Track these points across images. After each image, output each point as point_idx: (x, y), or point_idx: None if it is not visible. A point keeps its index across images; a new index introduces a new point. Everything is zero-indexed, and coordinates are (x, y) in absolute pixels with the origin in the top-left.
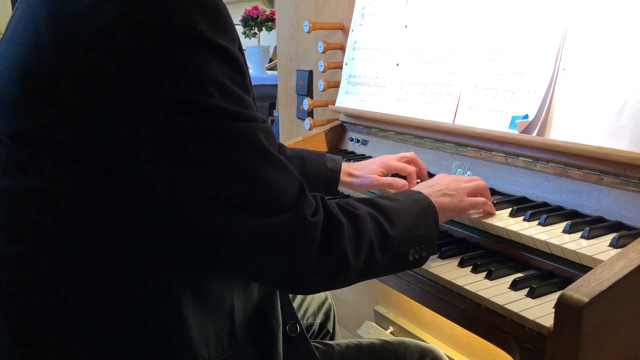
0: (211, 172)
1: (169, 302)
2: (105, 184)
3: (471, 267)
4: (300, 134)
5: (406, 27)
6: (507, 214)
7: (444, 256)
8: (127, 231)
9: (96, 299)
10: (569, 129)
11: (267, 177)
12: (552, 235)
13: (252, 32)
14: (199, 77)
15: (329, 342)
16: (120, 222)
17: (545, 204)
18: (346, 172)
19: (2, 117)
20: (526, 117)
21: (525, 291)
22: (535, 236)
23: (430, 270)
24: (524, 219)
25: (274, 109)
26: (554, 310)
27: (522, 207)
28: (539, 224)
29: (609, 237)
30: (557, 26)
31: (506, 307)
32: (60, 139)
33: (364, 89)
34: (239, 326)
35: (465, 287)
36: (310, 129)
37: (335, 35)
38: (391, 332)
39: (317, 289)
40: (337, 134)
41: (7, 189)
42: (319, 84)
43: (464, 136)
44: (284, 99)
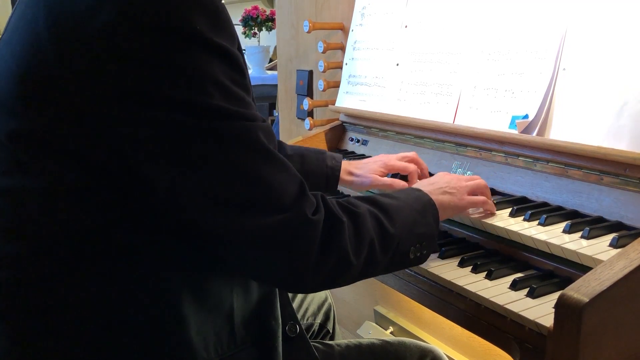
0: (211, 171)
1: (168, 302)
2: (105, 184)
3: (471, 267)
4: (300, 134)
5: (406, 27)
6: (507, 214)
7: (444, 256)
8: (127, 231)
9: (96, 299)
10: (569, 129)
11: (268, 177)
12: (552, 235)
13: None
14: (199, 77)
15: (329, 342)
16: (120, 222)
17: (545, 204)
18: (346, 170)
19: (1, 117)
20: (526, 117)
21: (525, 291)
22: (535, 236)
23: (430, 270)
24: (524, 219)
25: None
26: (554, 310)
27: (522, 207)
28: (539, 224)
29: (609, 237)
30: (557, 26)
31: (506, 307)
32: (60, 139)
33: (364, 89)
34: (239, 326)
35: (465, 287)
36: (310, 129)
37: (335, 35)
38: (391, 332)
39: (318, 288)
40: (337, 134)
41: (7, 189)
42: (319, 84)
43: (464, 136)
44: (284, 99)
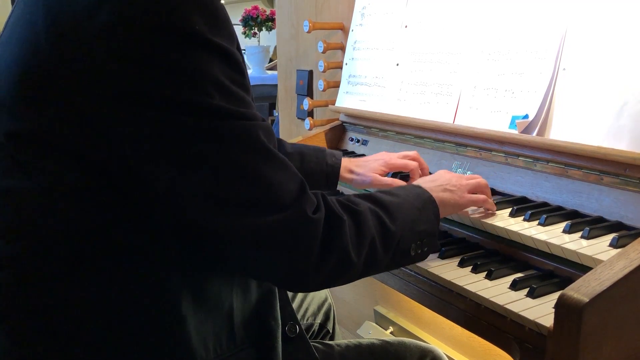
0: (211, 171)
1: (168, 302)
2: (105, 184)
3: (471, 267)
4: (300, 134)
5: (406, 27)
6: (507, 214)
7: (444, 256)
8: (127, 231)
9: (95, 299)
10: (569, 129)
11: (268, 176)
12: (552, 235)
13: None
14: (199, 77)
15: (329, 342)
16: (120, 222)
17: (545, 204)
18: (347, 168)
19: (1, 117)
20: (526, 117)
21: (525, 291)
22: (535, 236)
23: (430, 270)
24: (524, 219)
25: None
26: (554, 310)
27: (522, 207)
28: (539, 224)
29: (609, 237)
30: (557, 26)
31: (506, 307)
32: (60, 139)
33: (364, 89)
34: (238, 326)
35: (465, 287)
36: (310, 129)
37: (335, 35)
38: (391, 332)
39: (319, 287)
40: (337, 134)
41: (7, 189)
42: (319, 84)
43: (464, 136)
44: (284, 99)
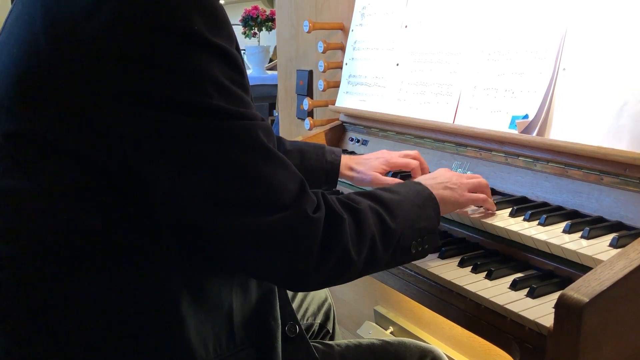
0: (211, 171)
1: (167, 302)
2: (105, 184)
3: (471, 267)
4: (300, 134)
5: (406, 27)
6: (507, 214)
7: (444, 256)
8: (126, 231)
9: (95, 299)
10: (569, 129)
11: (268, 175)
12: (552, 235)
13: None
14: (198, 77)
15: (329, 342)
16: (120, 222)
17: (545, 204)
18: (347, 165)
19: (0, 118)
20: (526, 117)
21: (525, 291)
22: (535, 236)
23: (430, 270)
24: (524, 219)
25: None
26: (554, 310)
27: (522, 207)
28: (539, 224)
29: (609, 237)
30: (557, 26)
31: (506, 307)
32: (59, 139)
33: (364, 89)
34: (238, 327)
35: (465, 287)
36: (310, 129)
37: (335, 35)
38: (391, 332)
39: (319, 286)
40: (337, 134)
41: (6, 189)
42: (319, 84)
43: (464, 136)
44: (284, 99)
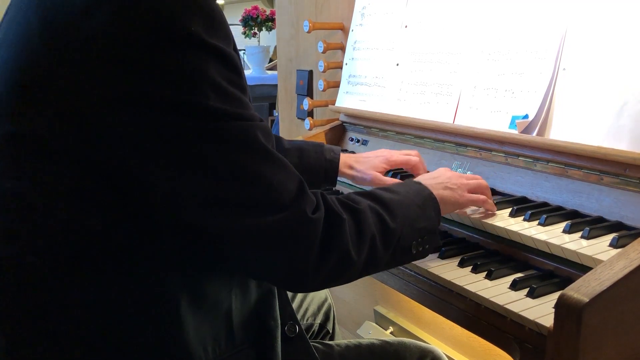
0: (210, 172)
1: (166, 303)
2: (104, 186)
3: (471, 267)
4: (300, 134)
5: (406, 27)
6: (507, 214)
7: (444, 256)
8: (126, 232)
9: (94, 299)
10: (569, 129)
11: (267, 176)
12: (552, 235)
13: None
14: (196, 79)
15: (329, 343)
16: (119, 223)
17: (545, 204)
18: (347, 164)
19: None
20: (526, 117)
21: (525, 291)
22: (535, 236)
23: (430, 270)
24: (524, 219)
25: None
26: (554, 310)
27: (522, 207)
28: (539, 224)
29: (609, 237)
30: (557, 26)
31: (506, 307)
32: (58, 141)
33: (364, 89)
34: (237, 327)
35: (465, 287)
36: (310, 129)
37: (335, 35)
38: (391, 332)
39: (319, 286)
40: (337, 134)
41: (6, 190)
42: (319, 84)
43: (464, 136)
44: (284, 99)
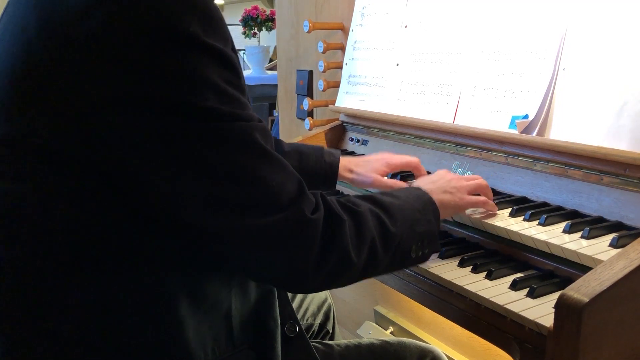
0: (208, 172)
1: (166, 303)
2: (103, 187)
3: (471, 267)
4: (300, 134)
5: (406, 27)
6: (507, 214)
7: (444, 256)
8: (125, 233)
9: (94, 300)
10: (569, 129)
11: (265, 176)
12: (552, 235)
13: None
14: (193, 80)
15: (329, 342)
16: (118, 224)
17: (545, 204)
18: (346, 167)
19: None
20: (526, 117)
21: (525, 291)
22: (535, 236)
23: (430, 270)
24: (524, 219)
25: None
26: (554, 310)
27: (522, 207)
28: (539, 224)
29: (609, 237)
30: (557, 26)
31: (506, 307)
32: (57, 142)
33: (364, 89)
34: (237, 327)
35: (465, 287)
36: (310, 129)
37: (335, 35)
38: (391, 332)
39: (319, 288)
40: (337, 134)
41: (5, 192)
42: (319, 84)
43: (464, 136)
44: (284, 99)
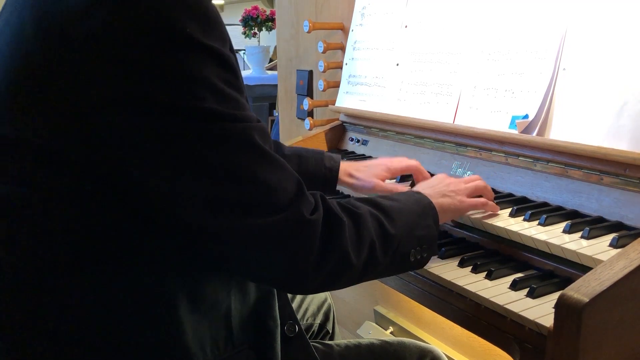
0: (207, 174)
1: (165, 304)
2: (102, 188)
3: (471, 267)
4: (300, 134)
5: (406, 27)
6: (507, 214)
7: (444, 256)
8: (125, 233)
9: (93, 300)
10: (569, 129)
11: (264, 177)
12: (552, 235)
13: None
14: (191, 81)
15: (328, 343)
16: (118, 224)
17: (545, 204)
18: (346, 172)
19: None
20: (526, 117)
21: (525, 291)
22: (535, 236)
23: (430, 270)
24: (524, 219)
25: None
26: (554, 310)
27: (522, 207)
28: (539, 224)
29: (609, 237)
30: (557, 26)
31: (506, 307)
32: (57, 142)
33: (364, 89)
34: (236, 328)
35: (465, 287)
36: (310, 129)
37: (335, 35)
38: (391, 332)
39: (318, 289)
40: (337, 134)
41: (4, 195)
42: (319, 84)
43: (464, 136)
44: (284, 99)
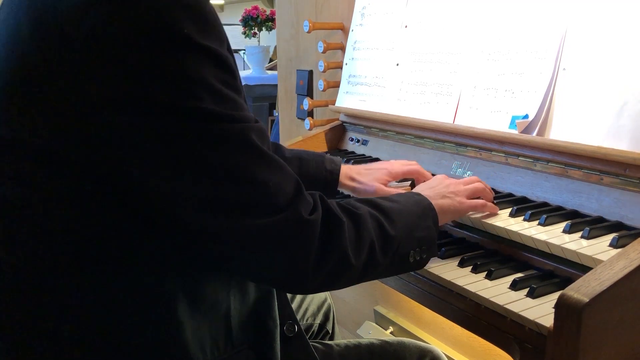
0: (207, 174)
1: (164, 305)
2: (103, 187)
3: (471, 267)
4: (300, 134)
5: (406, 27)
6: (507, 214)
7: (444, 256)
8: (125, 233)
9: (93, 301)
10: (569, 129)
11: (262, 177)
12: (552, 235)
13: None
14: (189, 81)
15: (328, 342)
16: (118, 225)
17: (545, 204)
18: (348, 175)
19: None
20: (526, 117)
21: (525, 291)
22: (535, 236)
23: (430, 270)
24: (524, 219)
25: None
26: (554, 310)
27: (522, 207)
28: (539, 224)
29: (609, 237)
30: (557, 26)
31: (506, 307)
32: (56, 143)
33: (364, 89)
34: (236, 328)
35: (465, 287)
36: (310, 129)
37: (335, 35)
38: (391, 332)
39: (318, 289)
40: (337, 134)
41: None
42: (319, 84)
43: (464, 136)
44: (284, 99)
